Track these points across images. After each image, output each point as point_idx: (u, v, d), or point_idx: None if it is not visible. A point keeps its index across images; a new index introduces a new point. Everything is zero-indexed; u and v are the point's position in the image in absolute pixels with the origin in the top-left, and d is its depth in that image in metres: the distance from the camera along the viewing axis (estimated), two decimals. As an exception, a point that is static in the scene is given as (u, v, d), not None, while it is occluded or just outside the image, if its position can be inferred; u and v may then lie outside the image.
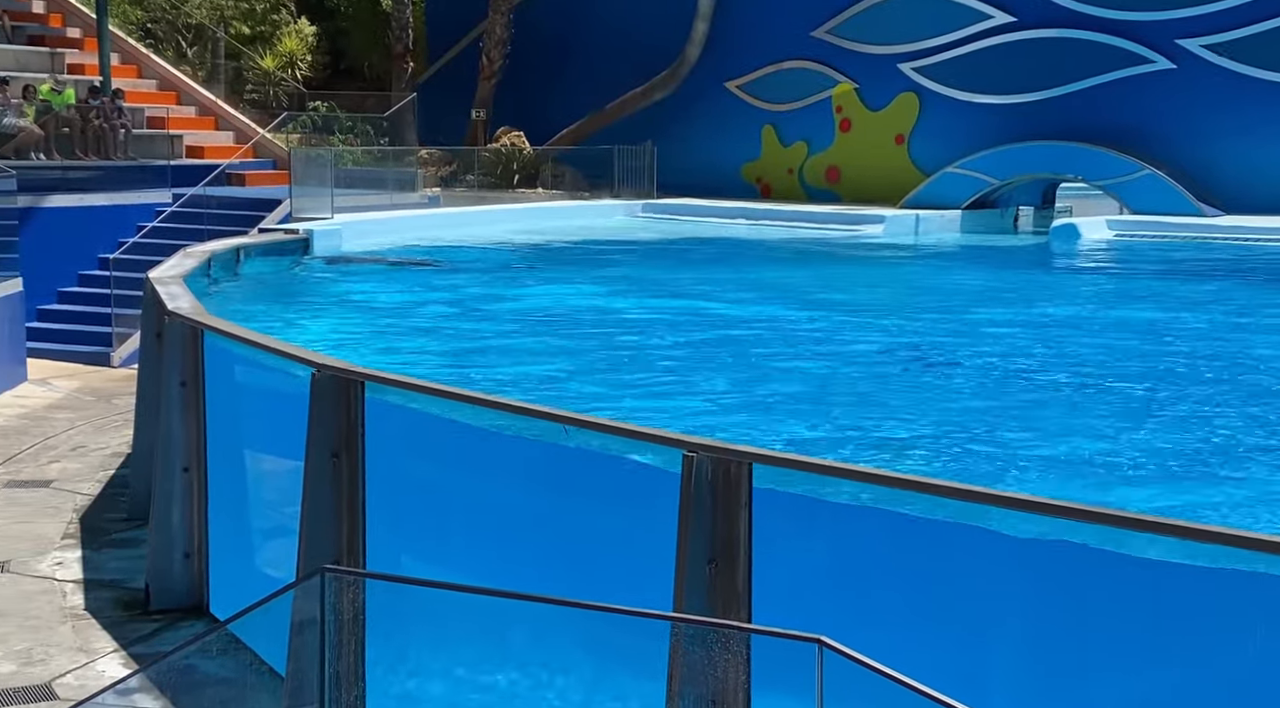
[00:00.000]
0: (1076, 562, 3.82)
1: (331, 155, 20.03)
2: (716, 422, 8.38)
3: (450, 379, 8.27)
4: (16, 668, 6.87)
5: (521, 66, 27.17)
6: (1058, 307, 14.43)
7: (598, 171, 24.72)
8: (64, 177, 18.90)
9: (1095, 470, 7.25)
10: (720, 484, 4.61)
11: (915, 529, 4.22)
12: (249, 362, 7.38)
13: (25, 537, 9.06)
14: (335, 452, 6.16)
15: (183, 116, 22.95)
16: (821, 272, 17.56)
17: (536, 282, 15.74)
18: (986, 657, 4.04)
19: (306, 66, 29.94)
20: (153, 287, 9.15)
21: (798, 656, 3.06)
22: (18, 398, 13.77)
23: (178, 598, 7.77)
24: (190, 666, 5.46)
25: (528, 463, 5.66)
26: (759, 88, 25.92)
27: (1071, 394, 9.41)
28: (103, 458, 11.26)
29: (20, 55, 21.86)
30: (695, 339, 11.80)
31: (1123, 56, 22.39)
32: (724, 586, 4.56)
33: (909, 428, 8.15)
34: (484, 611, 4.32)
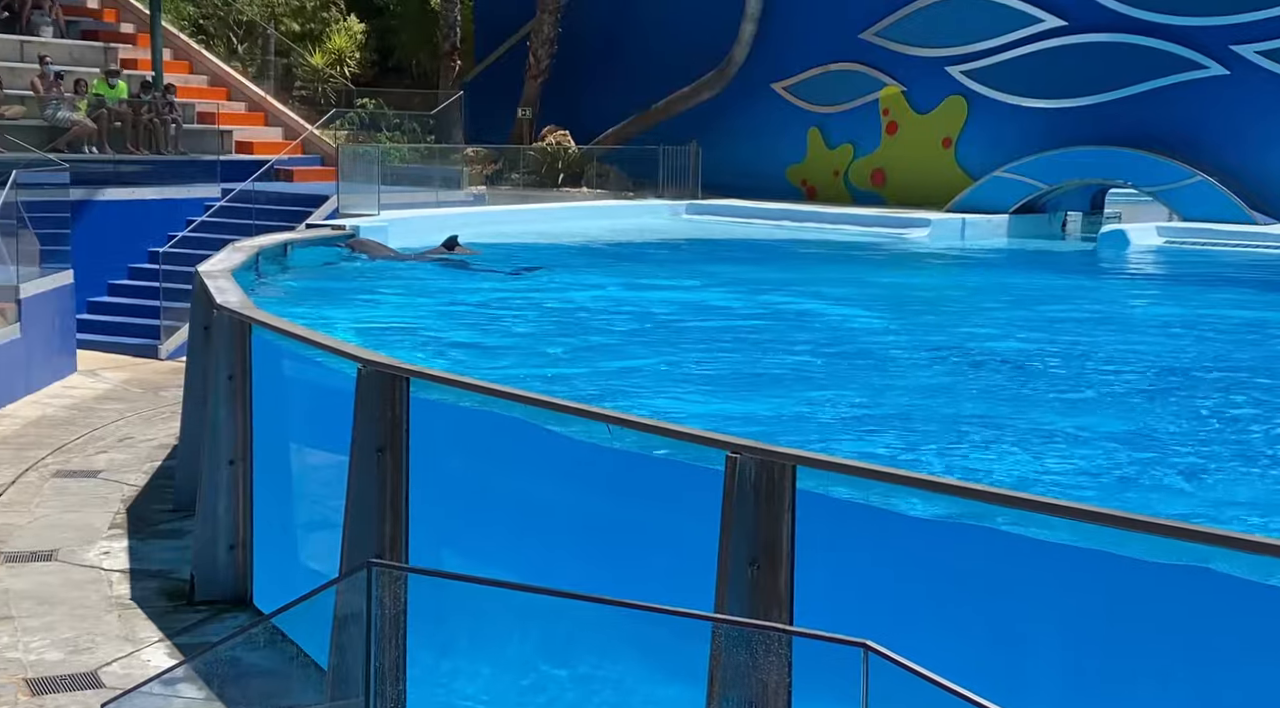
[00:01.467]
0: (1126, 573, 3.78)
1: (378, 152, 20.15)
2: (802, 427, 8.34)
3: (495, 376, 8.30)
4: (64, 656, 6.96)
5: (568, 66, 27.23)
6: (1119, 312, 14.31)
7: (642, 171, 24.72)
8: (115, 170, 19.12)
9: (1163, 481, 7.18)
10: (764, 486, 4.60)
11: (962, 535, 4.19)
12: (295, 356, 7.44)
13: (73, 526, 9.18)
14: (380, 447, 6.20)
15: (233, 112, 23.16)
16: (866, 274, 17.48)
17: (581, 279, 15.77)
18: (1030, 665, 4.01)
19: (355, 64, 30.12)
20: (201, 280, 9.25)
21: (840, 660, 3.05)
22: (67, 389, 13.95)
23: (222, 590, 7.85)
24: (235, 657, 5.52)
25: (571, 461, 5.68)
26: (805, 89, 25.84)
27: (1146, 403, 9.31)
28: (150, 449, 11.38)
29: (74, 50, 22.13)
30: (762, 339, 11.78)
31: (1175, 62, 22.15)
32: (766, 587, 4.55)
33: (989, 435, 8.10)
34: (525, 608, 4.33)
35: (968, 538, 4.24)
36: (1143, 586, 3.80)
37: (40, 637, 7.19)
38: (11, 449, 11.12)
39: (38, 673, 6.72)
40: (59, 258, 14.78)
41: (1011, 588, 4.14)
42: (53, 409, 12.91)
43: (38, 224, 14.10)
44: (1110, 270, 19.80)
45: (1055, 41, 23.16)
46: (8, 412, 12.59)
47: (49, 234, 14.53)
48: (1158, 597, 3.79)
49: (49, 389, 13.72)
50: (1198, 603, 3.72)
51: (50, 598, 7.78)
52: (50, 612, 7.57)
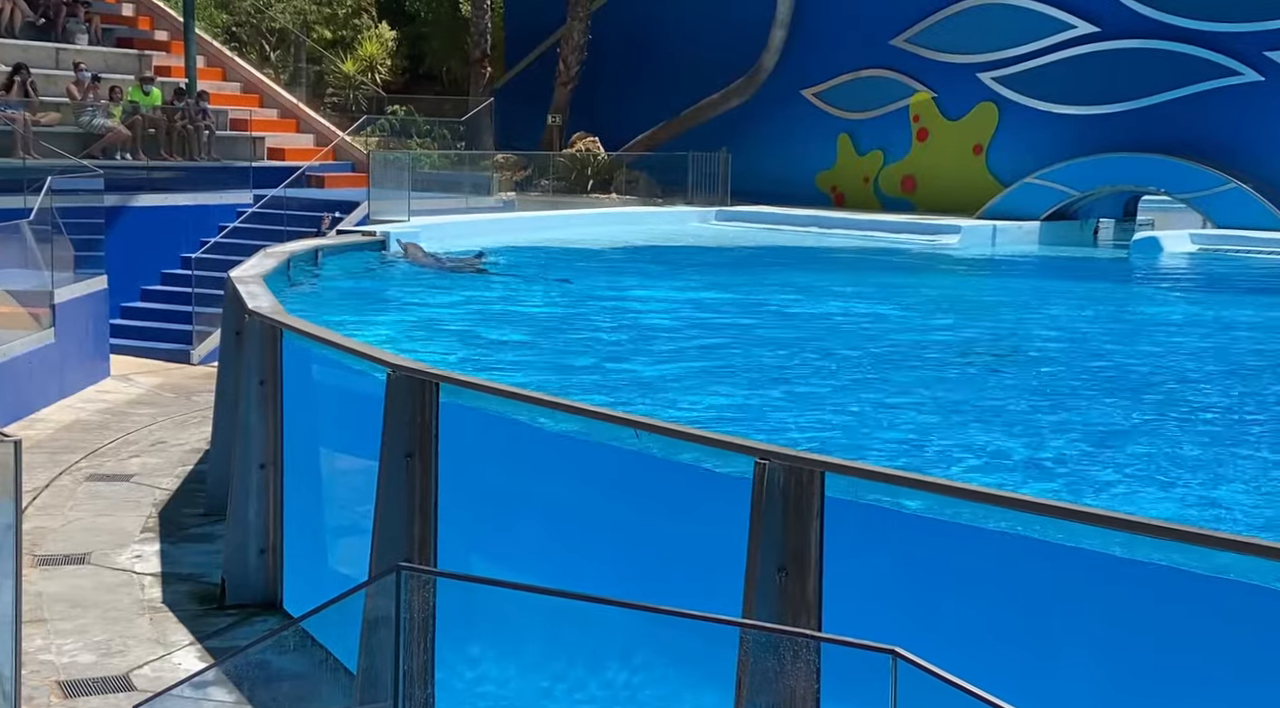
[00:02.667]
0: (1159, 582, 3.75)
1: (409, 159, 20.23)
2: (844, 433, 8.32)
3: (525, 382, 8.32)
4: (96, 659, 7.01)
5: (598, 72, 27.28)
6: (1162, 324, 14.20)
7: (671, 178, 24.74)
8: (149, 177, 19.28)
9: (1195, 492, 7.13)
10: (792, 492, 4.59)
11: (988, 542, 4.17)
12: (326, 361, 7.48)
13: (106, 530, 9.25)
14: (409, 452, 6.22)
15: (265, 119, 23.32)
16: (894, 281, 17.42)
17: (608, 284, 15.79)
18: (1061, 674, 3.99)
19: (386, 71, 30.30)
20: (233, 286, 9.31)
21: (868, 667, 3.04)
22: (100, 393, 14.06)
23: (252, 593, 7.88)
24: (264, 661, 5.53)
25: (599, 467, 5.68)
26: (835, 96, 25.80)
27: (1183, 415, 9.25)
28: (182, 454, 11.46)
29: (109, 57, 22.34)
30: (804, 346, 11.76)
31: (1208, 68, 21.99)
32: (794, 594, 4.54)
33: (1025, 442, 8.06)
34: (553, 613, 4.34)
35: (998, 545, 4.22)
36: (1181, 596, 3.77)
37: (73, 639, 7.25)
38: (45, 453, 11.22)
39: (70, 676, 6.77)
40: (93, 263, 14.90)
41: (1046, 597, 4.12)
42: (86, 413, 13.01)
43: (72, 230, 14.23)
44: (1143, 277, 19.67)
45: (1087, 48, 23.04)
46: (42, 416, 12.70)
47: (83, 240, 14.66)
48: (1198, 607, 3.76)
49: (82, 393, 13.84)
50: (1238, 614, 3.69)
51: (82, 601, 7.84)
52: (83, 615, 7.63)
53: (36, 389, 12.89)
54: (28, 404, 12.65)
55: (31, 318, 13.22)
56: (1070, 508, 4.03)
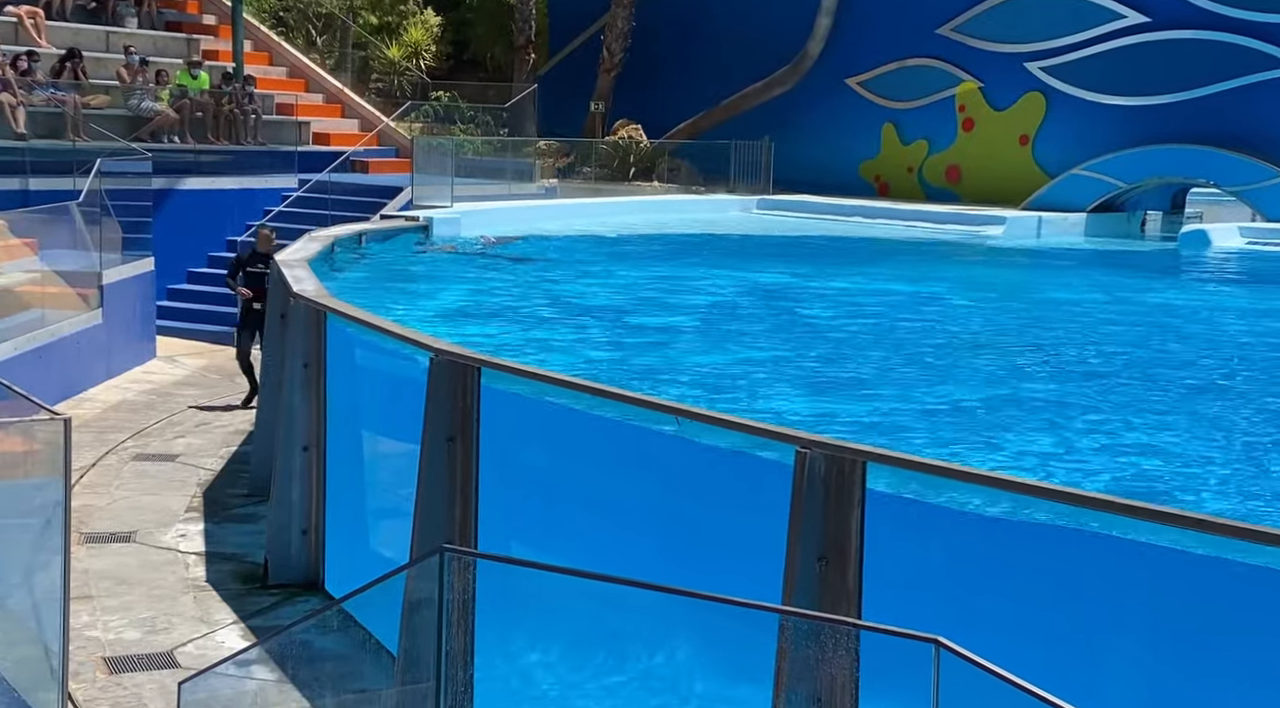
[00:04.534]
0: (1201, 572, 3.72)
1: (452, 145, 20.28)
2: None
3: (566, 367, 8.35)
4: (141, 636, 7.11)
5: (641, 60, 27.23)
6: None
7: (714, 166, 24.66)
8: (196, 160, 19.43)
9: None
10: (833, 482, 4.58)
11: (1032, 534, 4.15)
12: (369, 345, 7.53)
13: (151, 509, 9.36)
14: (451, 436, 6.26)
15: (310, 103, 23.43)
16: (938, 271, 17.31)
17: (644, 271, 15.78)
18: (1105, 666, 3.96)
19: (431, 57, 30.33)
20: (279, 269, 9.38)
21: (907, 657, 3.03)
22: (147, 374, 14.21)
23: (295, 574, 7.96)
24: (306, 641, 5.60)
25: (639, 453, 5.69)
26: (880, 85, 25.63)
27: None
28: (225, 435, 11.58)
29: (158, 40, 22.52)
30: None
31: (1260, 59, 21.68)
32: (834, 583, 4.53)
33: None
34: (592, 597, 4.35)
35: (1039, 537, 4.20)
36: (1226, 587, 3.74)
37: (118, 616, 7.35)
38: (92, 432, 11.36)
39: (115, 652, 6.87)
40: (140, 245, 15.06)
41: (1088, 588, 4.10)
42: (132, 394, 13.16)
43: (120, 212, 14.38)
44: (1191, 270, 19.45)
45: (1137, 38, 22.77)
46: (89, 395, 12.86)
47: (131, 222, 14.81)
48: (1240, 599, 3.73)
49: (129, 374, 13.99)
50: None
51: (128, 579, 7.95)
52: (128, 592, 7.73)
53: (84, 369, 13.05)
54: (75, 384, 12.81)
55: (80, 299, 13.38)
56: (1114, 501, 4.00)
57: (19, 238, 13.08)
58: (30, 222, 13.20)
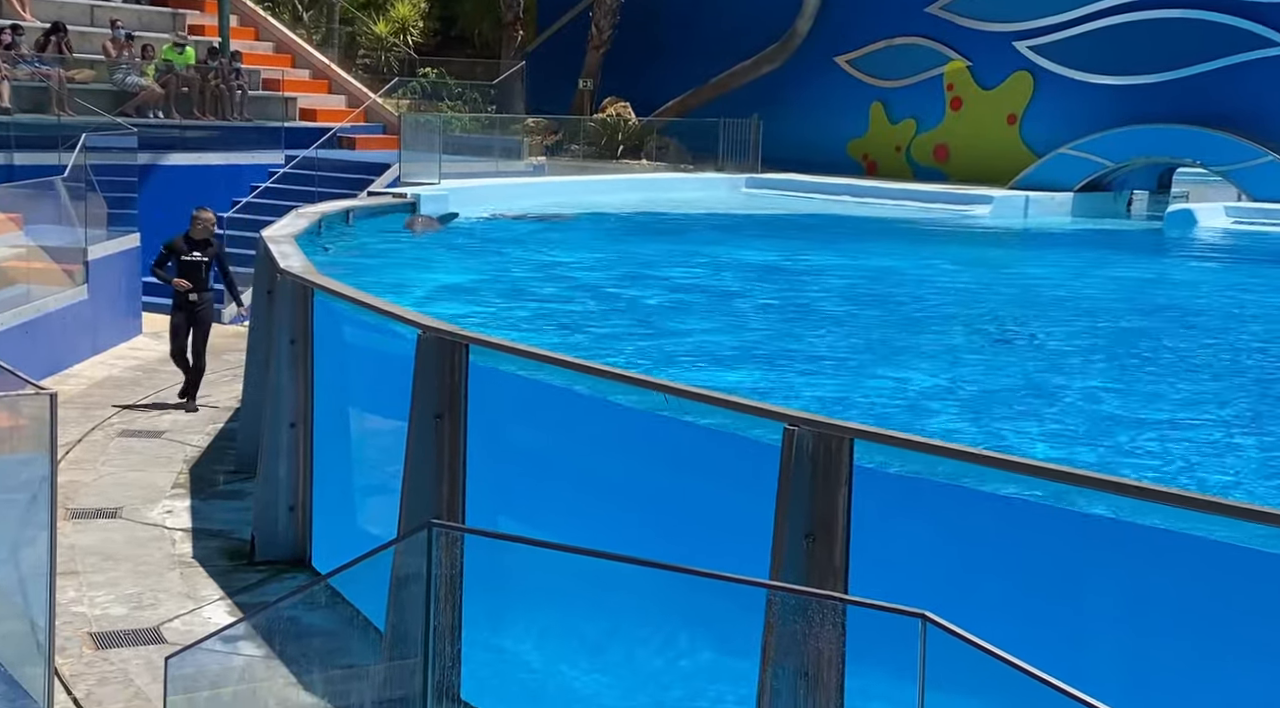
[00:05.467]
0: (1179, 549, 3.75)
1: (440, 122, 20.21)
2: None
3: (559, 346, 8.35)
4: (127, 611, 7.10)
5: (630, 37, 27.14)
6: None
7: (702, 144, 24.63)
8: (182, 136, 19.33)
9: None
10: (820, 459, 4.59)
11: (1016, 510, 4.17)
12: (357, 321, 7.52)
13: (137, 485, 9.35)
14: (438, 413, 6.25)
15: (297, 79, 23.32)
16: (925, 250, 17.33)
17: (632, 250, 15.78)
18: (1092, 641, 3.99)
19: (418, 33, 30.18)
20: (265, 245, 9.35)
21: (894, 632, 3.05)
22: (132, 350, 14.16)
23: (282, 550, 7.96)
24: (294, 617, 5.60)
25: (627, 431, 5.69)
26: (869, 63, 25.60)
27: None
28: (212, 411, 11.55)
29: (143, 15, 22.36)
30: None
31: (1247, 39, 21.71)
32: (821, 561, 4.55)
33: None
34: (580, 573, 4.36)
35: (1026, 515, 4.22)
36: (1210, 567, 3.77)
37: (105, 592, 7.34)
38: (78, 408, 11.32)
39: (102, 628, 6.87)
40: (126, 221, 14.98)
41: (1074, 566, 4.12)
42: (119, 370, 13.12)
43: (106, 187, 14.30)
44: (1176, 250, 19.51)
45: (1125, 17, 22.77)
46: (75, 371, 12.81)
47: (116, 197, 14.73)
48: (1223, 579, 3.76)
49: (115, 350, 13.94)
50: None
51: (114, 554, 7.94)
52: (115, 568, 7.72)
53: (69, 345, 13.00)
54: (61, 360, 12.77)
55: (65, 274, 13.32)
56: (1095, 477, 4.02)
57: (3, 213, 13.00)
58: (15, 197, 13.12)
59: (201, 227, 11.69)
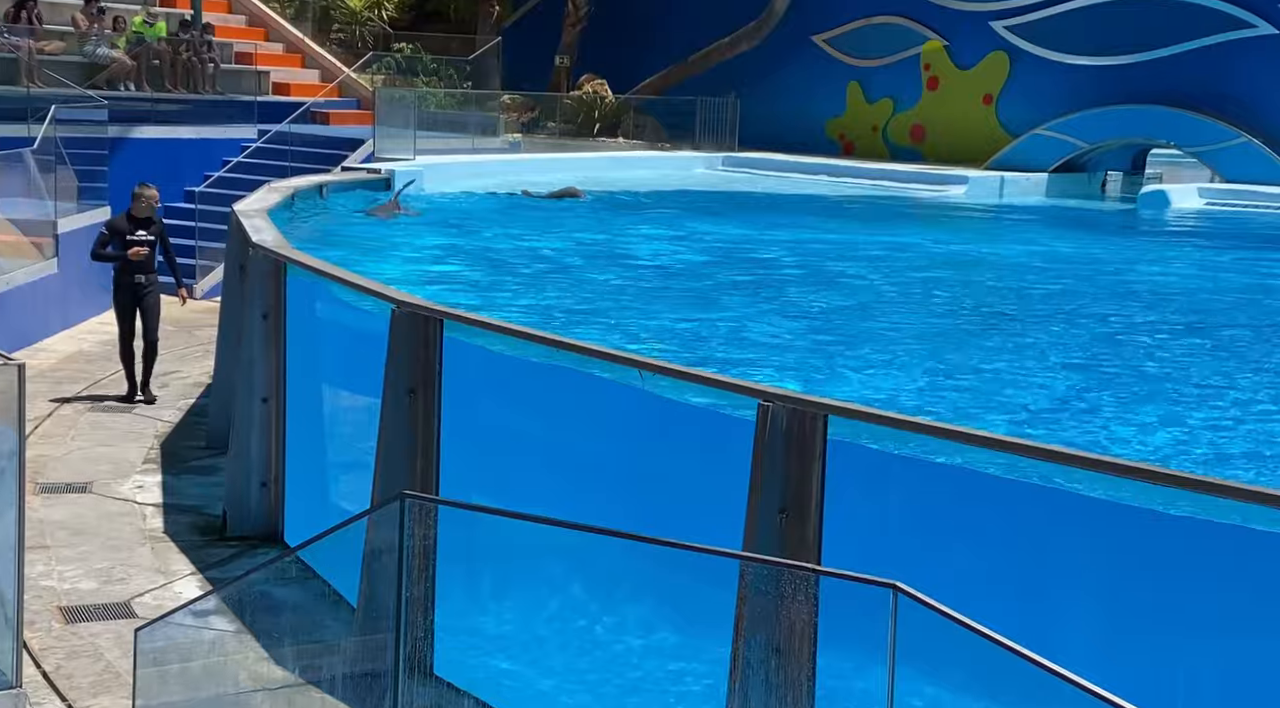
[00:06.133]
0: (1152, 526, 3.77)
1: (415, 97, 20.08)
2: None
3: (532, 321, 8.32)
4: (98, 586, 7.07)
5: (607, 13, 27.01)
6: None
7: (679, 123, 24.54)
8: (153, 108, 19.14)
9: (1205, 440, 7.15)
10: (795, 435, 4.60)
11: (990, 486, 4.18)
12: (330, 297, 7.48)
13: (108, 460, 9.29)
14: (412, 388, 6.23)
15: (270, 53, 23.12)
16: (901, 229, 17.37)
17: (607, 226, 15.75)
18: (1060, 615, 4.02)
19: (393, 8, 29.94)
20: (238, 220, 9.29)
21: (866, 605, 3.05)
22: (103, 325, 14.05)
23: (254, 525, 7.93)
24: (265, 591, 5.58)
25: (602, 406, 5.69)
26: (846, 42, 25.56)
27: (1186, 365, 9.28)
28: (184, 387, 11.48)
29: (114, -13, 22.14)
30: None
31: (1222, 20, 21.77)
32: (794, 536, 4.56)
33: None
34: (554, 546, 4.36)
35: (998, 490, 4.23)
36: (1176, 542, 3.79)
37: (74, 566, 7.30)
38: (48, 383, 11.24)
39: (71, 602, 6.83)
40: (96, 194, 14.85)
41: (1043, 540, 4.14)
42: (89, 344, 13.02)
43: (76, 160, 14.17)
44: (1148, 230, 19.60)
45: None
46: (44, 345, 12.71)
47: (87, 170, 14.60)
48: (1188, 553, 3.78)
49: (85, 325, 13.83)
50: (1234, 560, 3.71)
51: (84, 529, 7.89)
52: (85, 543, 7.68)
53: (39, 319, 12.90)
54: (30, 334, 12.66)
55: (34, 247, 13.20)
56: (1062, 452, 4.04)
57: (-28, 186, 12.88)
58: (-17, 169, 13.00)
59: (145, 204, 10.96)
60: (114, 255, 10.79)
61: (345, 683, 4.53)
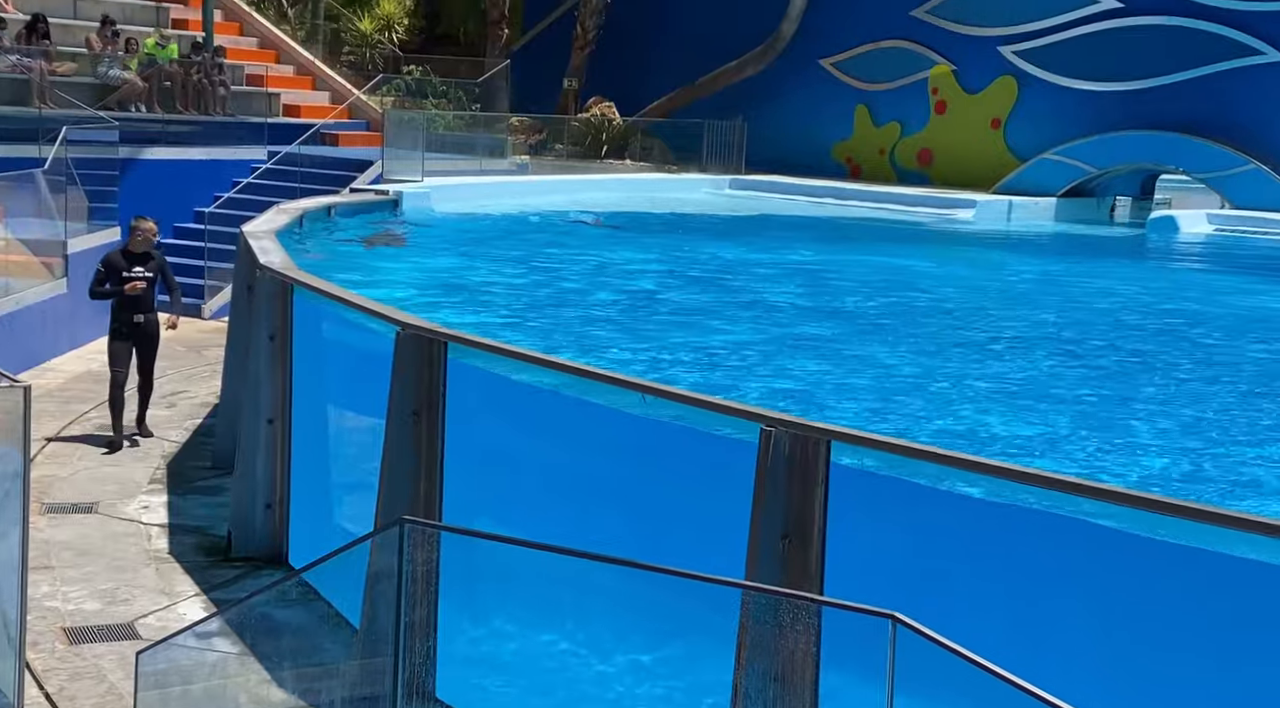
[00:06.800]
0: (1156, 557, 3.76)
1: (424, 119, 20.16)
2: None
3: (536, 343, 8.33)
4: (102, 606, 7.06)
5: (615, 36, 27.13)
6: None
7: (687, 145, 24.62)
8: (164, 130, 19.23)
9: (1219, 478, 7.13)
10: (797, 460, 4.59)
11: (989, 512, 4.17)
12: (336, 318, 7.49)
13: (114, 480, 9.30)
14: (416, 410, 6.24)
15: (281, 75, 23.23)
16: (907, 253, 17.38)
17: (612, 251, 15.77)
18: (1059, 644, 4.00)
19: (403, 30, 30.13)
20: (246, 241, 9.31)
21: (868, 633, 3.05)
22: (111, 345, 14.07)
23: (258, 547, 7.93)
24: (267, 613, 5.58)
25: (607, 430, 5.69)
26: (854, 66, 25.63)
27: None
28: (191, 407, 11.50)
29: (127, 9, 22.25)
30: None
31: (1231, 47, 21.80)
32: (797, 562, 4.55)
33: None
34: (555, 571, 4.35)
35: (1000, 517, 4.22)
36: (1173, 568, 3.78)
37: (79, 587, 7.30)
38: (56, 402, 11.26)
39: (75, 622, 6.83)
40: (106, 215, 14.91)
41: (1043, 567, 4.13)
42: (97, 364, 13.02)
43: (86, 181, 14.23)
44: (1158, 255, 19.59)
45: (1110, 23, 22.85)
46: (53, 365, 12.74)
47: (97, 191, 14.65)
48: (1187, 579, 3.77)
49: (94, 344, 13.83)
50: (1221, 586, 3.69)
51: (89, 550, 7.89)
52: (89, 563, 7.68)
53: (48, 339, 12.93)
54: (39, 353, 12.70)
55: (44, 267, 13.25)
56: (1066, 481, 4.03)
57: (-17, 205, 12.93)
58: (-6, 189, 13.05)
59: (141, 238, 10.28)
60: (111, 292, 10.23)
61: (346, 706, 4.52)
